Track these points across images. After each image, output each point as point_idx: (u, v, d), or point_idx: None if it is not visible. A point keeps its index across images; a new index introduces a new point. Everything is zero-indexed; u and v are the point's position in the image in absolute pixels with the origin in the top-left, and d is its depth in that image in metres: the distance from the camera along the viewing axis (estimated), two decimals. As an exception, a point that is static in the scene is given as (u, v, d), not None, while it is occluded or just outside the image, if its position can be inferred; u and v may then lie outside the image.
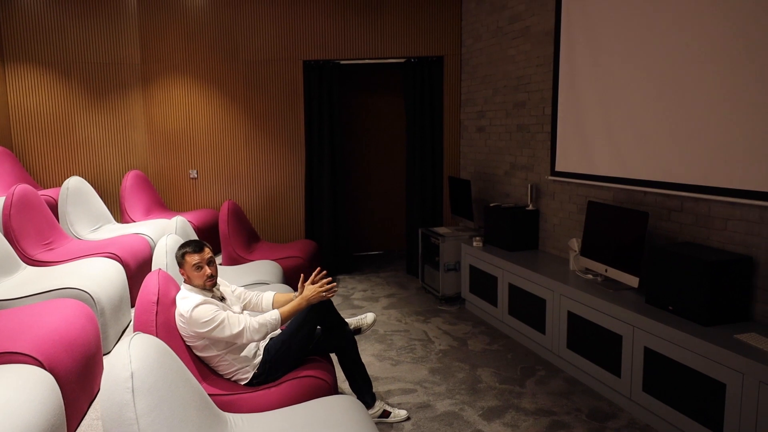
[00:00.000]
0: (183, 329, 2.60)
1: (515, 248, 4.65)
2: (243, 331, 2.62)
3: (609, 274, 3.56)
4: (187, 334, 2.60)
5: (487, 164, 5.54)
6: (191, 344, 2.63)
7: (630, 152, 3.65)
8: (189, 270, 2.68)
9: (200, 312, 2.55)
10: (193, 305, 2.55)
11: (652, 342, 2.95)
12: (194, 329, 2.56)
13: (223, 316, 2.60)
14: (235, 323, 2.61)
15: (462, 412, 3.18)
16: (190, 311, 2.54)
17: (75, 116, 5.93)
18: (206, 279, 2.68)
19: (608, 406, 3.24)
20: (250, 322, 2.65)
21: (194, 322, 2.54)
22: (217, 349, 2.66)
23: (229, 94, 6.13)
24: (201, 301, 2.58)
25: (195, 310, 2.55)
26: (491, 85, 5.37)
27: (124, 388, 1.72)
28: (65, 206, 4.82)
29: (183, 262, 2.69)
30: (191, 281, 2.69)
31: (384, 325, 4.64)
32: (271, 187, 6.30)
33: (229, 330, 2.59)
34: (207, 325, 2.55)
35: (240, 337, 2.61)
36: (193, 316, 2.53)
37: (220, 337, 2.59)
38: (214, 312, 2.57)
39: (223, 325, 2.58)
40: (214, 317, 2.56)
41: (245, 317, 2.67)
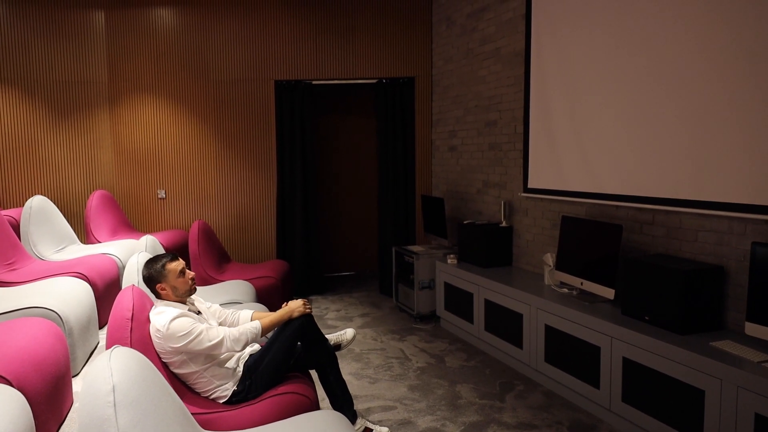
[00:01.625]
0: (159, 345, 2.51)
1: (490, 265, 4.69)
2: (222, 340, 2.55)
3: (585, 287, 3.61)
4: (164, 350, 2.51)
5: (460, 183, 5.60)
6: (167, 360, 2.54)
7: (601, 168, 3.74)
8: (173, 279, 2.62)
9: (177, 325, 2.47)
10: (169, 319, 2.48)
11: (630, 352, 2.98)
12: (171, 344, 2.47)
13: (201, 327, 2.53)
14: (213, 334, 2.55)
15: (444, 428, 3.14)
16: (167, 325, 2.46)
17: (39, 135, 5.76)
18: (192, 282, 2.66)
19: (588, 418, 3.25)
20: (230, 332, 2.59)
21: (171, 336, 2.46)
22: (195, 365, 2.57)
23: (199, 113, 6.06)
24: (178, 314, 2.50)
25: (172, 323, 2.47)
26: (462, 105, 5.46)
27: (106, 402, 1.64)
28: (28, 226, 4.64)
29: (164, 272, 2.62)
30: (176, 291, 2.63)
31: (359, 344, 4.58)
32: (241, 207, 6.22)
33: (208, 341, 2.52)
34: (185, 338, 2.47)
35: (219, 347, 2.55)
36: (170, 329, 2.45)
37: (199, 350, 2.51)
38: (191, 324, 2.50)
39: (201, 337, 2.51)
40: (191, 329, 2.49)
41: (224, 328, 2.61)
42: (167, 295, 2.64)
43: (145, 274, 2.65)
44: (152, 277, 2.64)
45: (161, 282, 2.63)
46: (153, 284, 2.64)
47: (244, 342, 2.62)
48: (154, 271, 2.63)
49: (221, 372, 2.65)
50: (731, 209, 2.90)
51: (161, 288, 2.64)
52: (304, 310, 2.84)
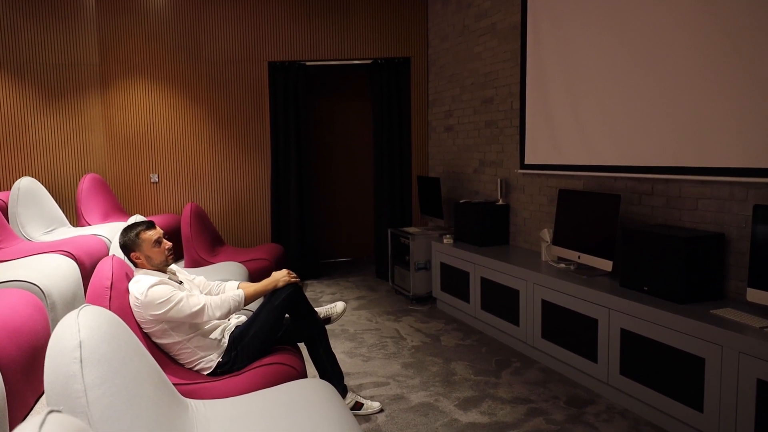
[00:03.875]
0: (139, 314, 2.42)
1: (486, 244, 4.60)
2: (204, 308, 2.47)
3: (582, 261, 3.52)
4: (144, 319, 2.42)
5: (456, 163, 5.50)
6: (149, 331, 2.46)
7: (599, 139, 3.65)
8: (148, 248, 2.52)
9: (156, 292, 2.38)
10: (147, 286, 2.39)
11: (628, 323, 2.90)
12: (151, 312, 2.39)
13: (181, 295, 2.45)
14: (194, 301, 2.46)
15: (437, 403, 3.06)
16: (145, 292, 2.38)
17: (29, 118, 5.67)
18: (168, 253, 2.55)
19: (585, 393, 3.17)
20: (212, 299, 2.52)
21: (150, 304, 2.37)
22: (178, 335, 2.49)
23: (192, 95, 5.97)
24: (156, 282, 2.42)
25: (150, 290, 2.38)
26: (458, 83, 5.36)
27: (72, 358, 1.56)
28: (16, 207, 4.56)
29: (138, 241, 2.53)
30: (151, 261, 2.54)
31: (354, 324, 4.50)
32: (236, 191, 6.13)
33: (188, 308, 2.43)
34: (164, 306, 2.38)
35: (200, 314, 2.46)
36: (148, 296, 2.37)
37: (179, 318, 2.42)
38: (170, 291, 2.42)
39: (181, 305, 2.42)
40: (170, 296, 2.40)
41: (205, 296, 2.53)
42: (142, 264, 2.55)
43: (121, 241, 2.57)
44: (127, 245, 2.55)
45: (135, 250, 2.54)
46: (128, 252, 2.56)
47: (226, 310, 2.54)
48: (129, 239, 2.55)
49: (205, 343, 2.57)
50: (732, 174, 2.80)
51: (136, 257, 2.55)
52: (288, 279, 2.76)
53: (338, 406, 2.10)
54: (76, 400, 1.52)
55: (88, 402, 1.53)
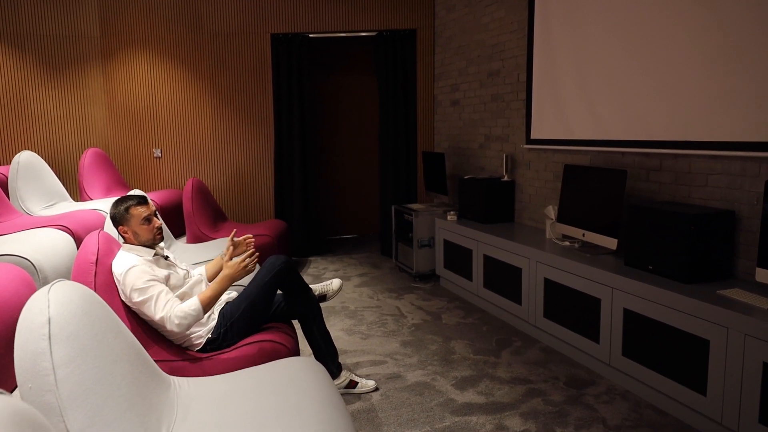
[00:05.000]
0: (122, 292, 2.37)
1: (490, 221, 4.50)
2: (163, 319, 2.31)
3: (587, 239, 3.42)
4: (126, 297, 2.37)
5: (462, 138, 5.37)
6: (134, 308, 2.41)
7: (607, 113, 3.51)
8: (136, 225, 2.45)
9: (132, 276, 2.29)
10: (126, 268, 2.31)
11: (631, 303, 2.80)
12: (128, 294, 2.32)
13: (156, 291, 2.31)
14: (159, 307, 2.30)
15: (434, 382, 3.00)
16: (123, 274, 2.31)
17: (29, 91, 5.62)
18: (156, 231, 2.47)
19: (586, 374, 3.09)
20: (174, 312, 2.31)
21: (126, 286, 2.30)
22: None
23: (194, 69, 5.87)
24: (135, 265, 2.32)
25: (128, 272, 2.30)
26: (465, 56, 5.20)
27: (40, 334, 1.50)
28: (15, 181, 4.52)
29: (128, 216, 2.46)
30: (138, 237, 2.47)
31: (355, 302, 4.45)
32: (239, 166, 6.06)
33: (153, 311, 2.30)
34: (138, 295, 2.29)
35: (161, 324, 2.33)
36: (125, 279, 2.29)
37: (145, 314, 2.32)
38: (146, 281, 2.30)
39: (151, 303, 2.30)
40: (146, 287, 2.29)
41: (171, 305, 2.33)
42: (129, 239, 2.48)
43: (110, 213, 2.50)
44: (116, 218, 2.49)
45: (124, 225, 2.47)
46: (116, 226, 2.49)
47: (185, 326, 2.35)
48: (118, 212, 2.48)
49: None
50: (745, 148, 2.67)
51: (123, 231, 2.48)
52: (244, 272, 2.51)
53: (325, 385, 2.04)
54: (44, 378, 1.47)
55: (56, 380, 1.48)
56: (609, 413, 2.66)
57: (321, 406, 1.85)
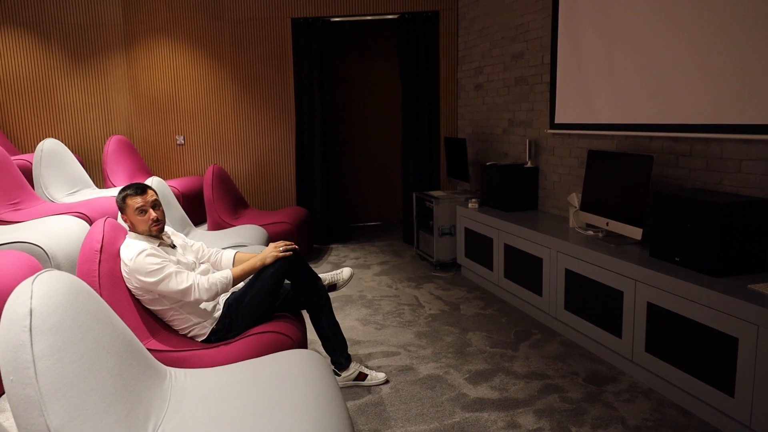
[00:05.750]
0: (129, 280, 2.34)
1: (512, 208, 4.35)
2: (190, 288, 2.33)
3: (610, 228, 3.25)
4: (132, 286, 2.34)
5: (485, 123, 5.21)
6: (139, 297, 2.38)
7: (634, 95, 3.32)
8: (132, 215, 2.41)
9: (143, 261, 2.28)
10: (136, 253, 2.30)
11: (655, 297, 2.65)
12: (139, 279, 2.30)
13: (170, 270, 2.32)
14: (182, 279, 2.33)
15: (446, 376, 2.91)
16: (133, 259, 2.29)
17: (55, 79, 5.69)
18: (151, 224, 2.41)
19: (608, 369, 2.95)
20: (200, 281, 2.37)
21: (137, 272, 2.28)
22: (169, 303, 2.40)
23: (216, 55, 5.84)
24: (144, 250, 2.31)
25: (137, 258, 2.29)
26: (489, 37, 5.03)
27: (21, 326, 1.46)
28: (39, 169, 4.58)
29: (124, 206, 2.42)
30: (135, 228, 2.43)
31: (373, 290, 4.37)
32: (260, 153, 6.03)
33: (176, 284, 2.31)
34: (151, 276, 2.28)
35: (187, 294, 2.34)
36: (136, 263, 2.28)
37: (166, 291, 2.32)
38: (158, 263, 2.30)
39: (169, 279, 2.31)
40: (159, 268, 2.29)
41: (194, 275, 2.38)
42: (131, 227, 2.46)
43: (116, 199, 2.47)
44: (118, 206, 2.46)
45: (124, 213, 2.45)
46: (121, 215, 2.47)
47: (213, 293, 2.39)
48: (117, 201, 2.45)
49: (198, 310, 2.48)
50: (782, 132, 2.47)
51: (125, 219, 2.46)
52: (276, 255, 2.56)
53: (324, 379, 1.96)
54: (25, 371, 1.43)
55: (36, 373, 1.43)
56: (629, 412, 2.52)
57: (316, 401, 1.77)
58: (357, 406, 2.63)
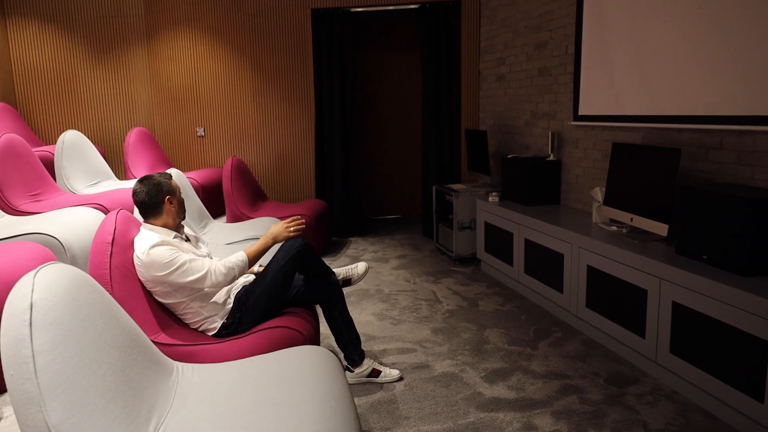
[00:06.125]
0: (141, 273, 2.32)
1: (534, 202, 4.24)
2: (206, 274, 2.33)
3: (635, 224, 3.14)
4: (145, 279, 2.32)
5: (507, 115, 5.10)
6: (151, 289, 2.36)
7: (663, 86, 3.18)
8: (178, 198, 2.47)
9: (157, 253, 2.26)
10: (149, 245, 2.28)
11: (681, 296, 2.53)
12: (152, 273, 2.28)
13: (184, 258, 2.31)
14: (197, 267, 2.32)
15: (462, 374, 2.84)
16: (147, 251, 2.27)
17: (78, 71, 5.73)
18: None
19: (630, 370, 2.85)
20: (215, 266, 2.36)
21: (151, 265, 2.26)
22: (180, 296, 2.38)
23: (236, 47, 5.82)
24: (158, 242, 2.29)
25: (151, 250, 2.27)
26: (511, 27, 4.90)
27: (22, 321, 1.44)
28: (61, 160, 4.62)
29: (173, 189, 2.46)
30: (171, 215, 2.45)
31: (390, 285, 4.32)
32: (280, 145, 6.01)
33: (191, 274, 2.30)
34: (166, 268, 2.27)
35: (203, 281, 2.33)
36: (149, 256, 2.26)
37: (182, 282, 2.30)
38: (173, 254, 2.29)
39: (184, 269, 2.29)
40: (173, 259, 2.28)
41: (209, 261, 2.38)
42: (169, 212, 2.44)
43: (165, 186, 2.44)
44: (165, 190, 2.42)
45: (172, 195, 2.45)
46: (164, 197, 2.42)
47: (232, 276, 2.39)
48: (165, 185, 2.44)
49: (209, 304, 2.45)
50: (820, 124, 2.33)
51: (170, 200, 2.44)
52: (287, 234, 2.57)
53: (333, 377, 1.92)
54: (24, 366, 1.41)
55: (36, 368, 1.41)
56: (652, 416, 2.42)
57: (323, 401, 1.73)
58: (369, 403, 2.58)
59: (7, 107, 5.23)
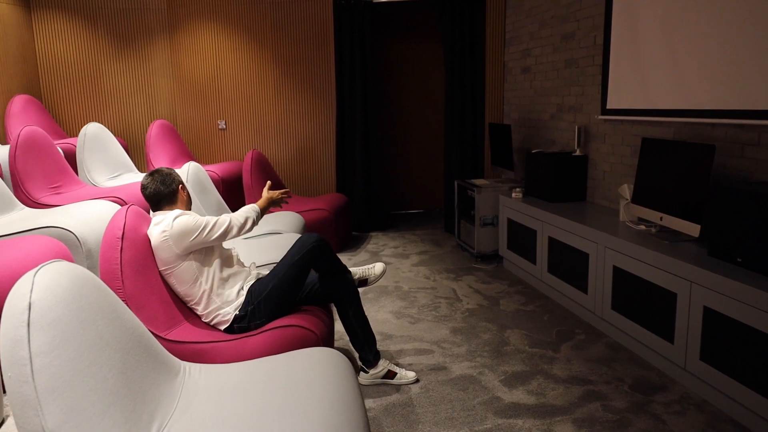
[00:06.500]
0: (169, 249, 2.33)
1: (559, 199, 4.11)
2: (231, 223, 2.44)
3: (665, 223, 3.00)
4: (169, 256, 2.34)
5: (532, 108, 4.96)
6: (173, 270, 2.35)
7: (696, 78, 3.03)
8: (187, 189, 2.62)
9: (183, 221, 2.34)
10: (172, 218, 2.35)
11: (713, 300, 2.40)
12: (185, 241, 2.32)
13: (208, 218, 2.40)
14: (221, 220, 2.44)
15: (480, 377, 2.75)
16: (171, 224, 2.33)
17: (102, 64, 5.75)
18: None
19: (657, 377, 2.72)
20: (233, 215, 2.48)
21: (182, 233, 2.32)
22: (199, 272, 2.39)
23: (257, 39, 5.77)
24: (179, 214, 2.37)
25: (176, 221, 2.35)
26: (538, 17, 4.75)
27: (19, 321, 1.40)
28: (82, 153, 4.64)
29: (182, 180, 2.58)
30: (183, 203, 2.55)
31: (409, 281, 4.24)
32: (301, 138, 5.95)
33: (219, 228, 2.41)
34: (195, 230, 2.34)
35: (230, 231, 2.43)
36: (177, 226, 2.32)
37: (213, 239, 2.37)
38: (197, 217, 2.37)
39: (212, 225, 2.40)
40: (198, 221, 2.37)
41: (227, 214, 2.48)
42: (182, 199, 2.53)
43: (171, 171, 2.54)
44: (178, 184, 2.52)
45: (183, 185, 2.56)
46: (177, 185, 2.51)
47: (251, 222, 2.52)
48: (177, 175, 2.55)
49: (225, 292, 2.43)
50: None
51: (183, 188, 2.55)
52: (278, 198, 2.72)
53: (344, 381, 1.85)
54: (21, 368, 1.37)
55: (32, 370, 1.37)
56: (680, 426, 2.30)
57: (330, 407, 1.66)
58: (383, 405, 2.51)
59: (33, 100, 5.27)
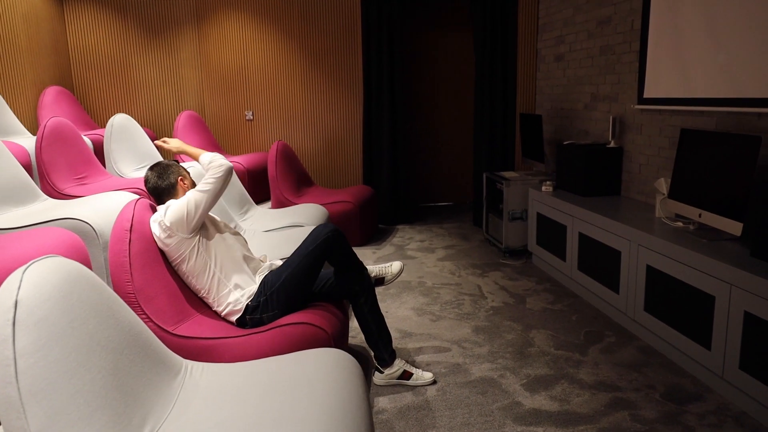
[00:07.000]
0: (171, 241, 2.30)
1: (591, 193, 3.92)
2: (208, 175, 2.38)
3: (704, 220, 2.80)
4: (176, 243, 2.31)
5: (565, 98, 4.75)
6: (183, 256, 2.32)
7: (741, 64, 2.81)
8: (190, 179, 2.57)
9: (175, 207, 2.32)
10: (164, 209, 2.34)
11: (755, 305, 2.21)
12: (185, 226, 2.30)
13: (189, 193, 2.37)
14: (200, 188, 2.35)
15: (501, 379, 2.62)
16: (165, 213, 2.31)
17: (131, 55, 5.78)
18: None
19: (692, 385, 2.55)
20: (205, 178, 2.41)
21: (179, 219, 2.29)
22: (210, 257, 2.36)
23: (285, 29, 5.70)
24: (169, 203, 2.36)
25: (169, 210, 2.32)
26: (572, 2, 4.54)
27: (5, 320, 1.34)
28: (110, 144, 4.65)
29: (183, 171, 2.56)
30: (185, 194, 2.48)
31: (434, 277, 4.12)
32: (328, 129, 5.87)
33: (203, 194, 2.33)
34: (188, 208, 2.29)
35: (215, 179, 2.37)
36: (171, 214, 2.30)
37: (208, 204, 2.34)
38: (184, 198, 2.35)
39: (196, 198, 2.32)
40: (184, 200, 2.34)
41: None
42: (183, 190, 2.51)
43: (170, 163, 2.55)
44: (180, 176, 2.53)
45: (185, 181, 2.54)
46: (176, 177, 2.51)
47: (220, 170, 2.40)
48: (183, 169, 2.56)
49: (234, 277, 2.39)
50: None
51: (182, 180, 2.53)
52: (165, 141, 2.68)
53: (350, 386, 1.75)
54: (5, 369, 1.31)
55: (17, 371, 1.31)
56: (715, 440, 2.14)
57: (331, 411, 1.57)
58: (397, 408, 2.42)
59: (64, 91, 5.33)
